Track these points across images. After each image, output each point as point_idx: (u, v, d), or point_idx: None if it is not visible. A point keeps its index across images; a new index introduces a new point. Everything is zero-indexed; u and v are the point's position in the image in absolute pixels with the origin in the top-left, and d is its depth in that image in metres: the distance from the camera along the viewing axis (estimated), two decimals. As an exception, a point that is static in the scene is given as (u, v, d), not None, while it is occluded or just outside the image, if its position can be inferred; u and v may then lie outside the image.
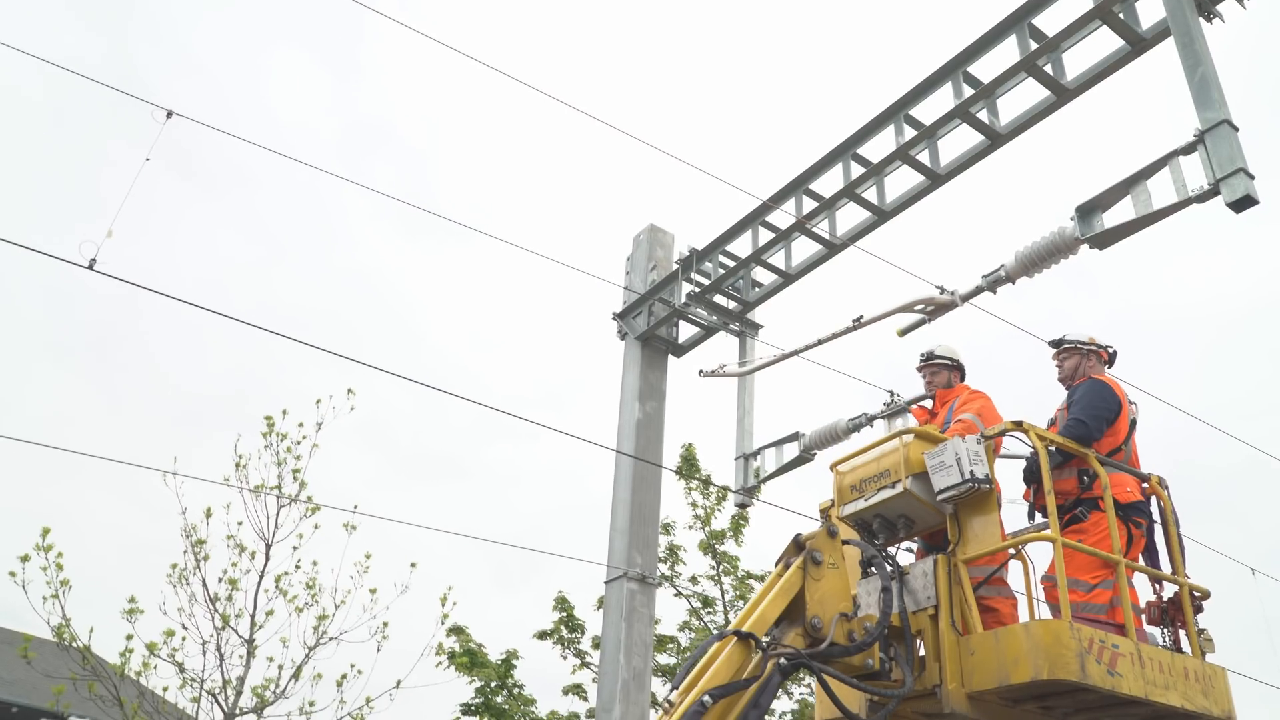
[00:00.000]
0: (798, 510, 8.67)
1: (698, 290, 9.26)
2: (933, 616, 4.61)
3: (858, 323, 6.86)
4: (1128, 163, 5.70)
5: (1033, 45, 6.64)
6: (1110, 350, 5.66)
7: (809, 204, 8.44)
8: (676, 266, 9.55)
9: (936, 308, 6.55)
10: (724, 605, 14.32)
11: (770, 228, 8.81)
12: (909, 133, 7.60)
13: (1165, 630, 5.00)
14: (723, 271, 9.20)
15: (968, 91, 7.13)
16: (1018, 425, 4.88)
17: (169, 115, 5.46)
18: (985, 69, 7.09)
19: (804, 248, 8.86)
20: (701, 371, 8.82)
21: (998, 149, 7.38)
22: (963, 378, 6.05)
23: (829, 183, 8.34)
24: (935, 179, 7.69)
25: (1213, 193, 5.28)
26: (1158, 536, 5.24)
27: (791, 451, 8.80)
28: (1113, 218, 5.82)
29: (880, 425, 7.89)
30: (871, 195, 8.12)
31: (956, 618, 4.55)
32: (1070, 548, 4.60)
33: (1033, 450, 4.91)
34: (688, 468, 14.57)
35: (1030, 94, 7.01)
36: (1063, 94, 6.81)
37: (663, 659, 13.09)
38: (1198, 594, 5.05)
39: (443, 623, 11.55)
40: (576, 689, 13.01)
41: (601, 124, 8.04)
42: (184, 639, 10.15)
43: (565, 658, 13.19)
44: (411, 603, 11.37)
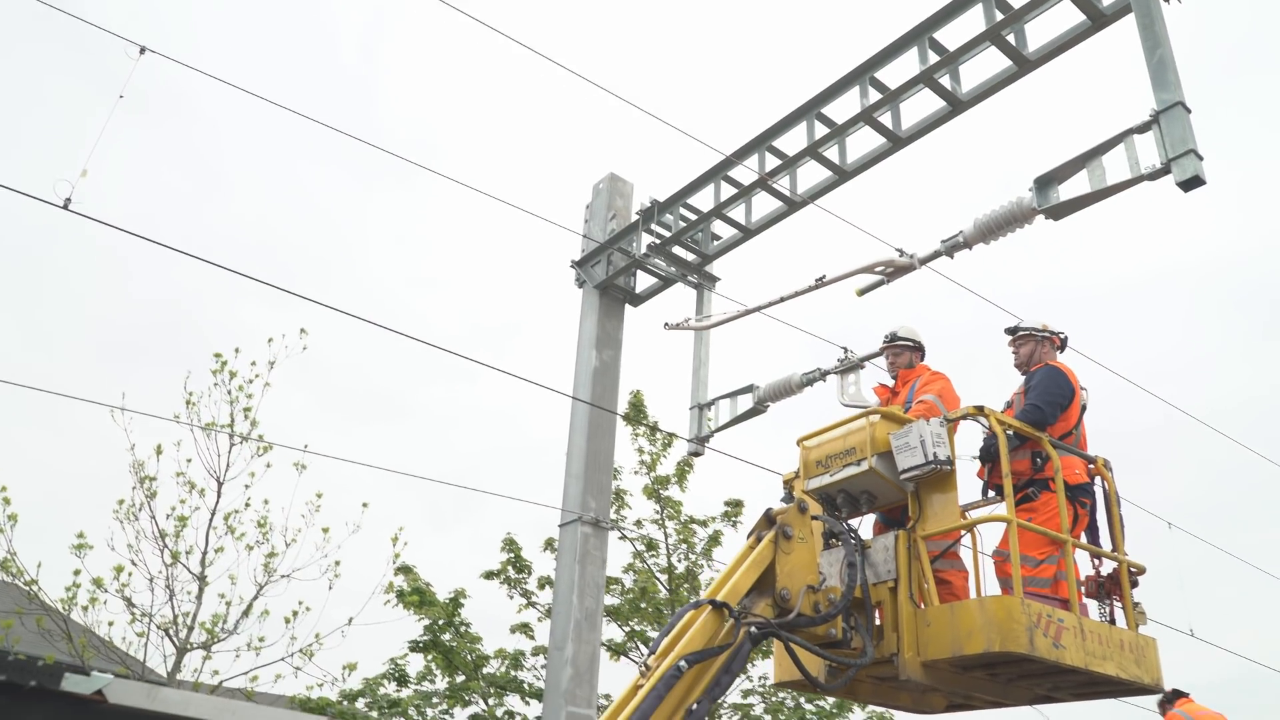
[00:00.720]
0: (748, 460, 8.93)
1: (658, 242, 9.37)
2: (892, 589, 4.88)
3: (820, 282, 7.06)
4: (1089, 136, 5.93)
5: (998, 15, 6.80)
6: (1062, 336, 5.98)
7: (771, 161, 8.56)
8: (637, 217, 9.63)
9: (896, 270, 6.77)
10: (667, 549, 14.68)
11: (732, 183, 8.93)
12: (873, 95, 7.73)
13: (1102, 603, 5.35)
14: (683, 224, 9.31)
15: (933, 58, 7.28)
16: (979, 410, 5.14)
17: (142, 52, 5.31)
18: (950, 36, 7.24)
19: (764, 204, 9.00)
20: (666, 324, 8.97)
21: (958, 115, 7.57)
22: (923, 357, 6.30)
23: (792, 141, 8.46)
24: (897, 142, 7.86)
25: (1164, 172, 5.54)
26: (1100, 515, 5.57)
27: (745, 403, 9.04)
28: (1068, 190, 6.06)
29: (833, 380, 8.14)
30: (833, 155, 8.27)
31: (915, 591, 4.83)
32: (1022, 527, 4.87)
33: (990, 432, 5.18)
34: (635, 414, 14.78)
35: (992, 63, 7.20)
36: (1024, 64, 7.01)
37: (608, 600, 13.42)
38: (1134, 570, 5.40)
39: (394, 562, 11.73)
40: (524, 627, 13.29)
41: (565, 70, 8.02)
42: (130, 575, 10.14)
43: (512, 597, 13.45)
44: (353, 541, 11.47)
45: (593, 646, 8.82)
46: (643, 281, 10.22)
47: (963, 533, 5.33)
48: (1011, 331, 6.04)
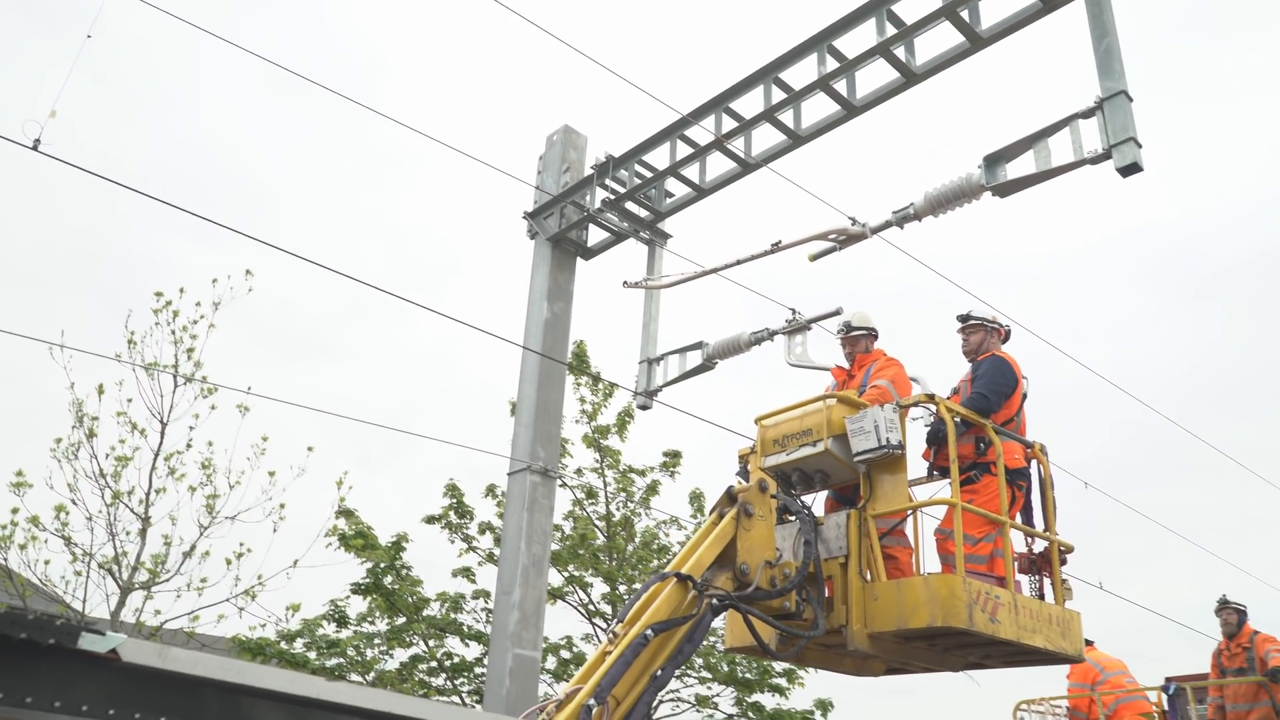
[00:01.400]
0: (696, 414, 9.25)
1: (613, 198, 9.52)
2: (843, 565, 5.16)
3: (776, 247, 7.32)
4: (1042, 116, 6.27)
5: (954, -8, 7.08)
6: (1007, 328, 6.38)
7: (728, 123, 8.75)
8: (592, 171, 9.75)
9: (848, 238, 7.07)
10: (606, 497, 15.02)
11: (688, 142, 9.10)
12: (831, 63, 7.96)
13: (1033, 578, 5.78)
14: (638, 181, 9.47)
15: (890, 30, 7.51)
16: (930, 399, 5.46)
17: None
18: (908, 10, 7.47)
19: (719, 164, 9.20)
20: (625, 283, 9.17)
21: (912, 87, 7.86)
22: (877, 341, 6.58)
23: (749, 104, 8.65)
24: (851, 110, 8.12)
25: (1105, 157, 5.89)
26: (1035, 496, 5.99)
27: (694, 359, 9.31)
28: (1015, 169, 6.40)
29: (781, 340, 8.45)
30: (789, 119, 8.50)
31: (864, 566, 5.14)
32: (964, 509, 5.20)
33: (938, 417, 5.53)
34: (578, 364, 14.99)
35: (947, 38, 7.48)
36: (977, 41, 7.30)
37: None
38: (1064, 549, 5.79)
39: (340, 505, 11.83)
40: (465, 572, 13.53)
41: (522, 19, 8.04)
42: (69, 515, 10.08)
43: (453, 542, 13.66)
44: (293, 484, 11.51)
45: (539, 591, 9.11)
46: (594, 235, 10.38)
47: (909, 512, 5.68)
48: (963, 319, 6.43)
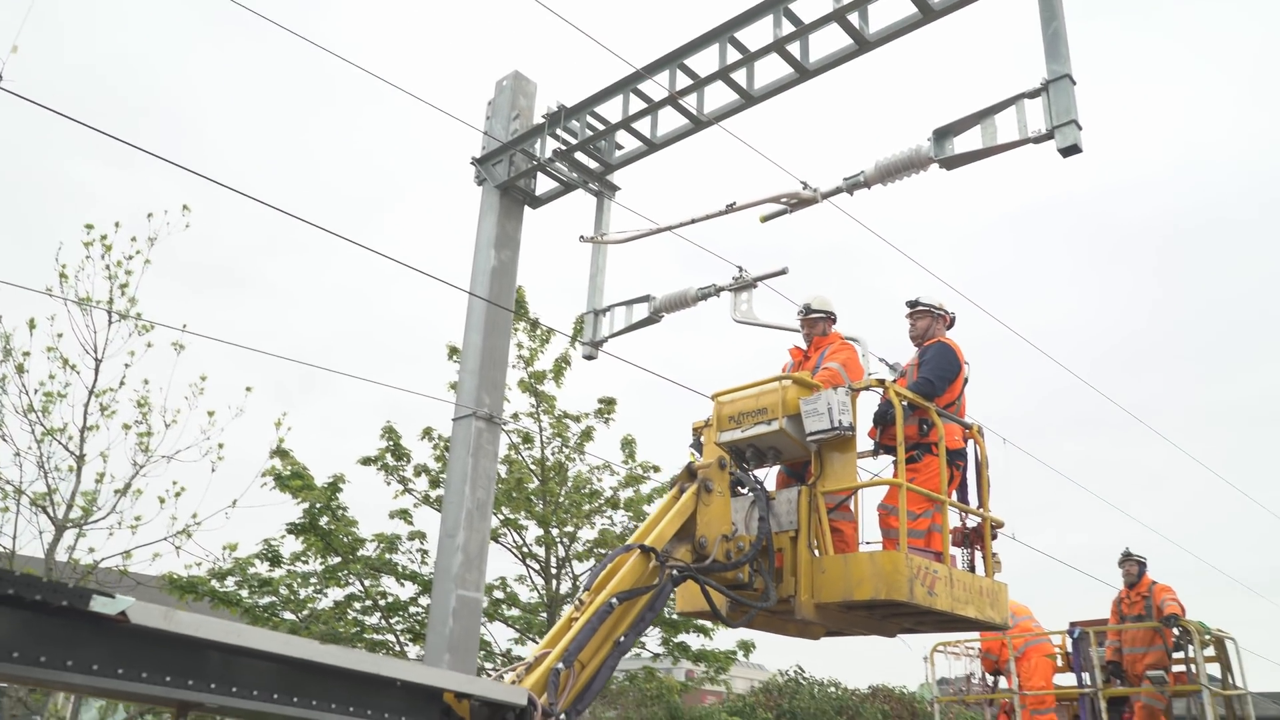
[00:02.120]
0: (641, 365, 9.43)
1: (563, 148, 9.53)
2: (793, 538, 5.45)
3: (730, 208, 7.47)
4: (991, 93, 6.50)
5: (908, -37, 7.22)
6: (952, 315, 6.70)
7: (682, 80, 8.81)
8: (543, 121, 9.73)
9: (799, 202, 7.25)
10: (541, 442, 15.19)
11: (642, 96, 9.13)
12: (786, 26, 8.05)
13: (965, 551, 6.16)
14: (590, 133, 9.49)
15: (844, -2, 7.65)
16: (880, 383, 5.75)
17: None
18: (862, -23, 7.63)
19: (671, 120, 9.27)
20: (581, 238, 9.24)
21: (865, 53, 8.01)
22: (834, 324, 6.82)
23: (704, 62, 8.71)
24: (804, 74, 8.25)
25: (1048, 137, 6.15)
26: (971, 474, 6.34)
27: (641, 312, 9.46)
28: (963, 144, 6.64)
29: (727, 297, 8.64)
30: (742, 79, 8.60)
31: (813, 540, 5.43)
32: (897, 484, 5.50)
33: (886, 399, 5.78)
34: (516, 309, 15.02)
35: (900, 8, 7.64)
36: (929, 13, 7.47)
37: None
38: (996, 525, 6.20)
39: (278, 445, 11.78)
40: (403, 513, 13.62)
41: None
42: (-5, 449, 9.87)
43: (389, 484, 13.70)
44: (229, 423, 11.43)
45: (482, 535, 9.28)
46: (543, 185, 10.38)
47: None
48: (911, 305, 6.75)
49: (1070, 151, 6.08)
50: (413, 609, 13.49)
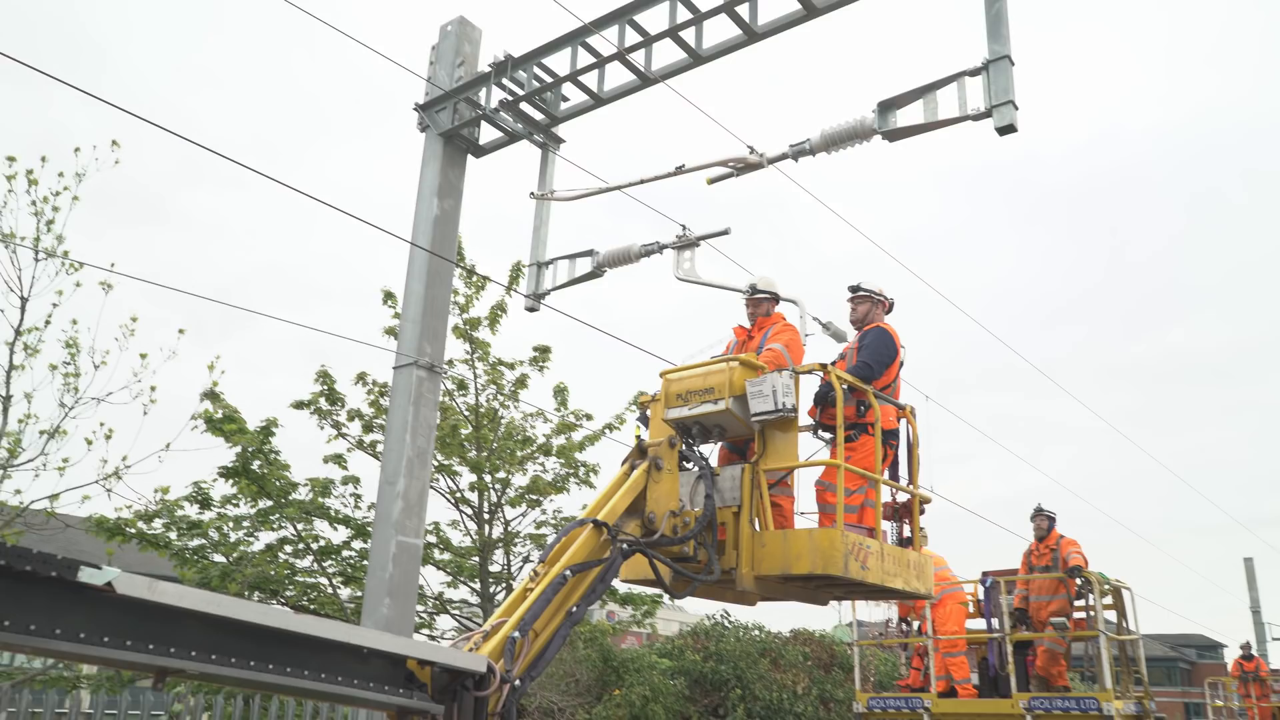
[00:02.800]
0: (578, 318, 9.55)
1: (510, 99, 9.47)
2: (735, 513, 5.69)
3: (679, 170, 7.58)
4: (937, 68, 6.70)
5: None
6: (891, 300, 6.98)
7: (631, 36, 8.82)
8: (489, 70, 9.64)
9: (746, 166, 7.40)
10: (475, 389, 15.23)
11: (590, 50, 9.11)
12: (737, -12, 8.12)
13: (894, 525, 6.48)
14: (536, 85, 9.44)
15: (793, -37, 7.73)
16: (822, 368, 5.99)
17: None
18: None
19: (619, 75, 9.28)
20: (532, 194, 9.24)
21: (812, 19, 8.13)
22: (778, 304, 7.03)
23: (654, 19, 8.72)
24: (753, 36, 8.33)
25: (986, 115, 6.39)
26: (903, 452, 6.65)
27: (584, 266, 9.56)
28: (905, 117, 6.84)
29: (670, 254, 8.78)
30: (690, 38, 8.64)
31: (755, 516, 5.68)
32: (835, 465, 5.75)
33: (826, 381, 6.02)
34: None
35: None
36: (876, -16, 7.62)
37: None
38: (924, 501, 6.55)
39: (213, 388, 11.63)
40: (337, 458, 13.58)
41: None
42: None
43: (323, 428, 13.64)
44: (161, 365, 11.25)
45: (422, 482, 9.38)
46: (487, 134, 10.31)
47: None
48: (853, 290, 7.01)
49: (1006, 130, 6.32)
50: (345, 553, 13.55)
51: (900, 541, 6.39)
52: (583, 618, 4.85)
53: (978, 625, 11.61)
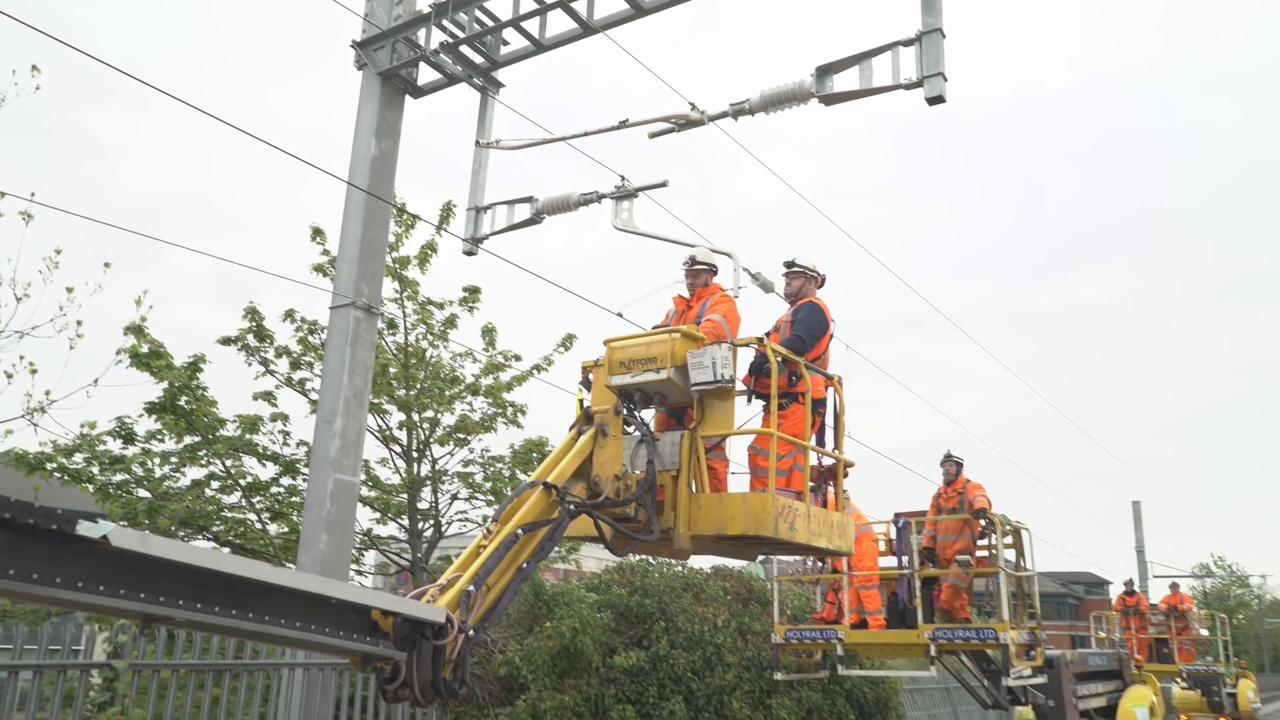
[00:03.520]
0: (517, 264, 9.68)
1: (451, 41, 9.43)
2: (674, 477, 6.03)
3: (623, 124, 7.73)
4: (877, 35, 6.93)
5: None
6: (823, 276, 7.38)
7: (575, -17, 8.84)
8: (429, 10, 9.56)
9: (687, 123, 7.59)
10: (405, 328, 15.21)
11: (534, -5, 9.11)
12: (681, -58, 8.21)
13: (820, 488, 6.88)
14: (478, 28, 9.41)
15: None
16: (760, 341, 6.31)
17: None
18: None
19: (561, 22, 9.31)
20: (478, 142, 9.25)
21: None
22: (715, 276, 7.27)
23: (597, -32, 8.77)
24: (695, -11, 8.45)
25: (917, 85, 6.69)
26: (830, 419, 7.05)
27: (523, 213, 9.66)
28: (841, 83, 7.11)
29: (608, 204, 8.95)
30: (634, -11, 8.71)
31: (692, 480, 6.02)
32: (768, 434, 6.11)
33: (761, 353, 6.36)
34: (384, 193, 14.75)
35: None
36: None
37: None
38: (847, 465, 6.98)
39: (142, 323, 11.45)
40: (267, 395, 13.50)
41: None
42: None
43: (250, 364, 13.51)
44: (88, 298, 11.05)
45: (359, 421, 9.50)
46: (426, 75, 10.25)
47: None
48: (788, 266, 7.34)
49: (936, 101, 6.62)
50: (274, 489, 13.56)
51: (824, 503, 6.82)
52: (532, 573, 5.15)
53: (889, 562, 12.30)
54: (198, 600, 3.13)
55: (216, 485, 13.23)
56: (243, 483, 13.25)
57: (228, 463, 12.98)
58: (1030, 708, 12.76)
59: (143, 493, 12.89)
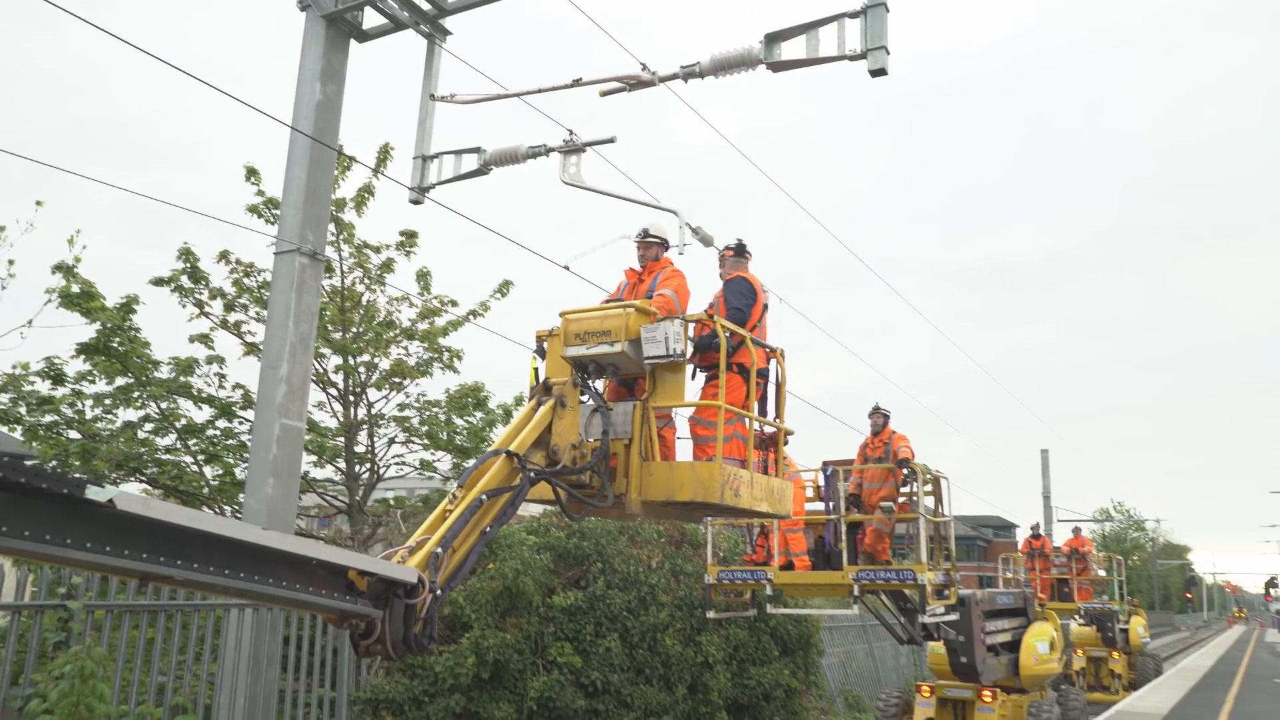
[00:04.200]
0: (464, 214, 9.75)
1: (398, -14, 9.35)
2: (626, 445, 6.32)
3: (577, 82, 7.83)
4: (825, 6, 7.14)
5: None
6: (750, 254, 7.82)
7: (526, -65, 8.84)
8: (377, -46, 9.44)
9: (638, 83, 7.73)
10: (341, 271, 15.10)
11: (482, -55, 9.08)
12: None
13: (762, 455, 7.21)
14: (427, -26, 9.34)
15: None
16: (710, 318, 6.59)
17: None
18: None
19: (509, -28, 9.29)
20: (432, 96, 9.23)
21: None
22: (667, 250, 7.47)
23: (549, -80, 8.78)
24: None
25: (861, 56, 6.95)
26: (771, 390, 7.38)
27: (470, 163, 9.71)
28: (789, 51, 7.32)
29: (556, 158, 9.06)
30: (585, -57, 8.75)
31: (644, 448, 6.31)
32: (715, 404, 6.44)
33: (709, 329, 6.66)
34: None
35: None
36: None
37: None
38: (788, 433, 7.31)
39: (75, 265, 11.23)
40: (204, 338, 13.35)
41: None
42: None
43: (184, 306, 13.33)
44: (18, 238, 10.82)
45: (305, 367, 9.56)
46: (371, 19, 10.13)
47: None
48: (736, 248, 7.70)
49: (879, 74, 6.89)
50: (209, 432, 13.50)
51: (765, 469, 7.19)
52: (495, 536, 5.43)
53: (816, 508, 12.87)
54: (195, 561, 3.32)
55: (150, 428, 13.13)
56: (178, 425, 13.16)
57: (163, 405, 12.87)
58: (942, 642, 13.60)
59: (74, 434, 12.72)
